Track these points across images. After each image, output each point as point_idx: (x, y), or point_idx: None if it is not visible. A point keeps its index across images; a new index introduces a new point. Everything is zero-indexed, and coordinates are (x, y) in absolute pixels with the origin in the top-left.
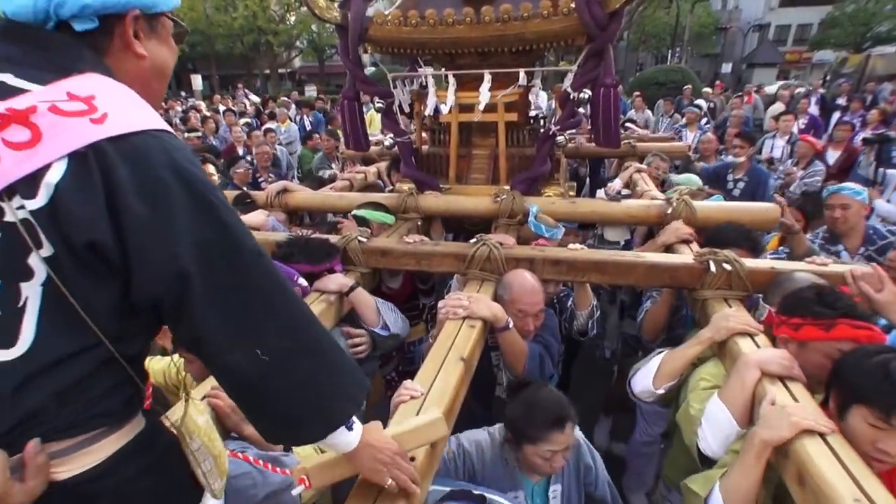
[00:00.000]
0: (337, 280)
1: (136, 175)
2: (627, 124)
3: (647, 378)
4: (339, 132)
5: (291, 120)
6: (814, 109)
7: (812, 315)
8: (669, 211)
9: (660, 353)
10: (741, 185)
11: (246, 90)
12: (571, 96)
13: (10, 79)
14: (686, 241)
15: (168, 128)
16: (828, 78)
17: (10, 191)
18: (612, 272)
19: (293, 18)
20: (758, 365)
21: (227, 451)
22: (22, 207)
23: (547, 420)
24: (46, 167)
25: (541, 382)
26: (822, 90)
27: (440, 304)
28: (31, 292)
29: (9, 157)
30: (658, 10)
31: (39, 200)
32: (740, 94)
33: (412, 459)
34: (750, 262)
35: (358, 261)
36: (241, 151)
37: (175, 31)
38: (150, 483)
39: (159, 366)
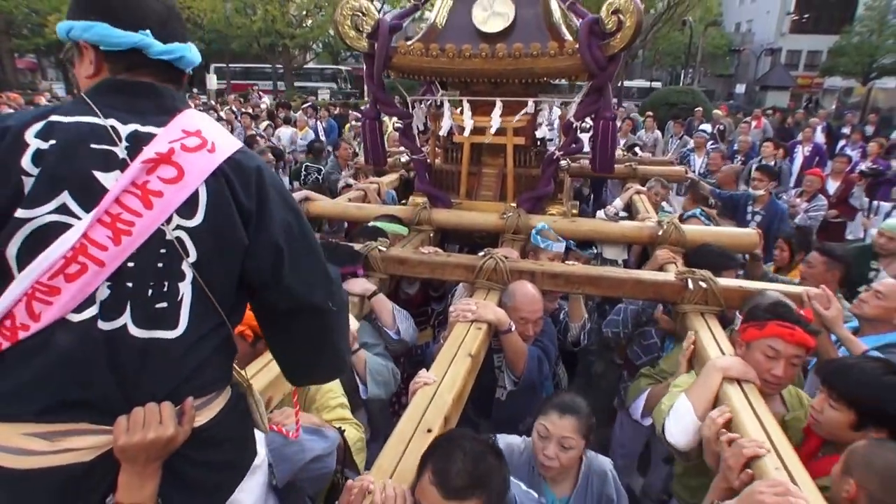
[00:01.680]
0: (361, 284)
1: (244, 184)
2: (634, 147)
3: (686, 420)
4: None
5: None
6: (820, 137)
7: (755, 319)
8: (660, 233)
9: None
10: (758, 217)
11: (260, 92)
12: (574, 125)
13: (139, 127)
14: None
15: (241, 143)
16: (819, 105)
17: (169, 217)
18: (604, 286)
19: (310, 22)
20: (721, 370)
21: (263, 403)
22: (179, 227)
23: (558, 402)
24: (196, 194)
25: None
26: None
27: (451, 308)
28: (185, 289)
29: (168, 189)
30: (672, 30)
31: (196, 220)
32: (747, 119)
33: None
34: (723, 282)
35: (378, 267)
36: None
37: None
38: (240, 425)
39: None
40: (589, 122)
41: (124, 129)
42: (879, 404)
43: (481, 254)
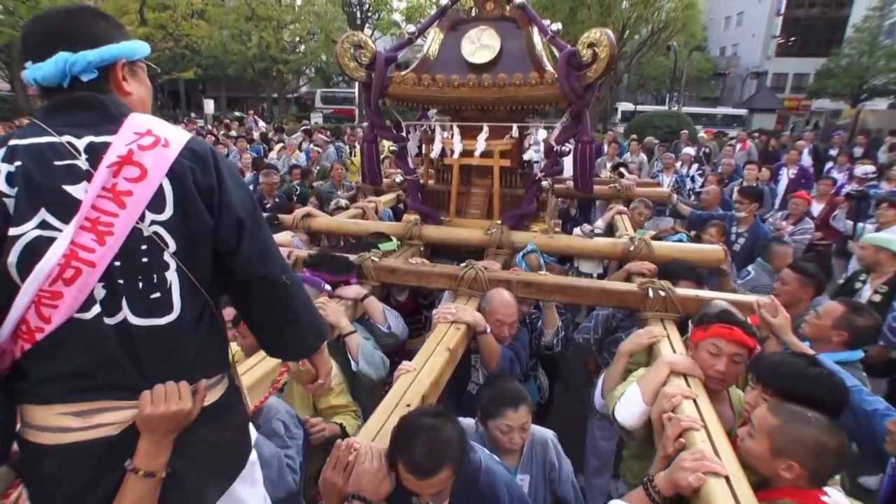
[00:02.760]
0: (354, 289)
1: (203, 169)
2: (620, 169)
3: (635, 404)
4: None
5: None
6: (806, 160)
7: (702, 323)
8: (632, 248)
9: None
10: (742, 240)
11: (255, 117)
12: (555, 148)
13: (93, 138)
14: (642, 274)
15: (190, 134)
16: (818, 127)
17: (142, 214)
18: (572, 294)
19: (303, 48)
20: (669, 364)
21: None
22: (153, 223)
23: (505, 399)
24: (161, 188)
25: (508, 376)
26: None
27: (434, 311)
28: (171, 277)
29: (136, 188)
30: (657, 55)
31: (166, 213)
32: (731, 142)
33: None
34: (681, 291)
35: (371, 276)
36: (248, 177)
37: (149, 74)
38: (240, 409)
39: None
40: (570, 145)
41: (80, 143)
42: (807, 393)
43: (463, 265)
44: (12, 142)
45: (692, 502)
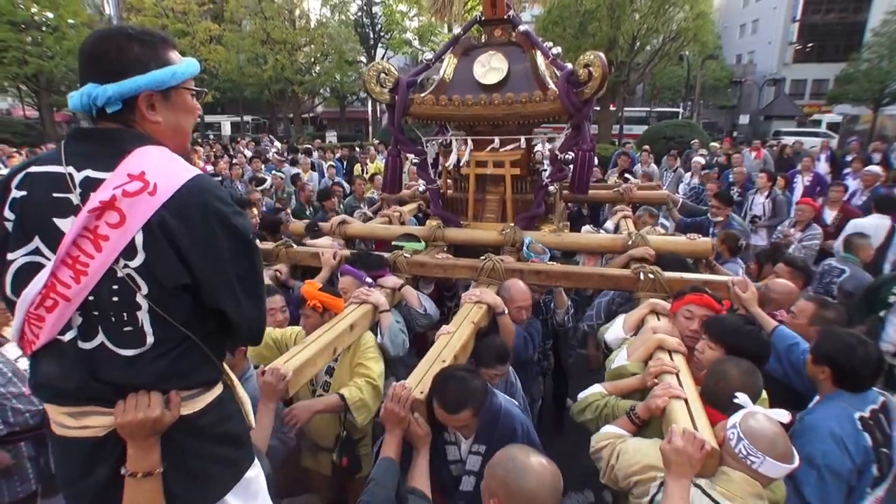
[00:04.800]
0: (392, 280)
1: (188, 227)
2: (626, 175)
3: (617, 331)
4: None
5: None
6: (824, 166)
7: (679, 296)
8: (630, 242)
9: (620, 317)
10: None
11: (271, 137)
12: (559, 157)
13: (91, 173)
14: (643, 259)
15: (195, 171)
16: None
17: (117, 258)
18: (575, 279)
19: (318, 68)
20: (653, 329)
21: (249, 402)
22: (126, 266)
23: (493, 355)
24: (133, 239)
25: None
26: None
27: (463, 294)
28: (143, 316)
29: (113, 234)
30: (670, 65)
31: (137, 261)
32: (738, 150)
33: None
34: (668, 274)
35: (403, 269)
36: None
37: (195, 91)
38: (230, 421)
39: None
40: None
41: (79, 176)
42: (738, 343)
43: (482, 258)
44: (31, 168)
45: (662, 421)
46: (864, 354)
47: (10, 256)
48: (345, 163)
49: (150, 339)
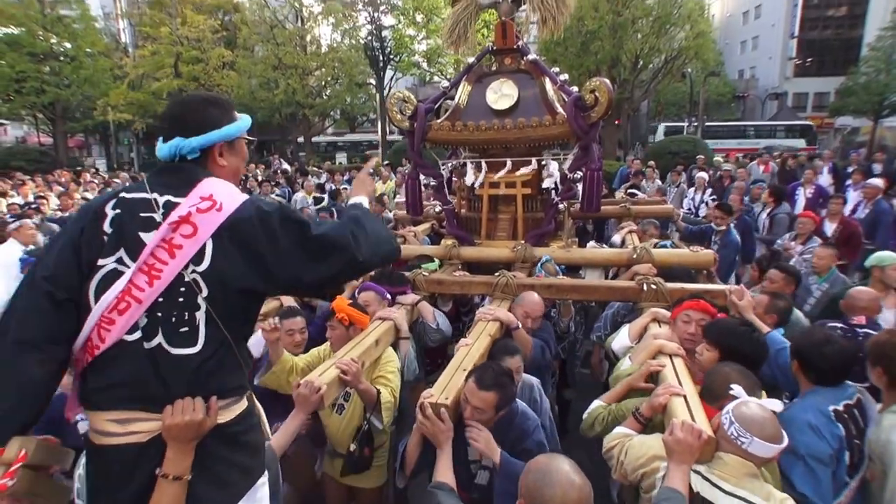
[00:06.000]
0: (411, 297)
1: (245, 232)
2: (631, 190)
3: (623, 339)
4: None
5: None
6: (826, 178)
7: (678, 303)
8: (635, 256)
9: (625, 327)
10: (715, 246)
11: (281, 159)
12: (569, 176)
13: (171, 197)
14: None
15: (246, 195)
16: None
17: (187, 264)
18: (583, 292)
19: (328, 92)
20: (654, 336)
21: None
22: (193, 271)
23: (500, 349)
24: (204, 245)
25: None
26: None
27: (478, 311)
28: (200, 317)
29: (186, 243)
30: (673, 82)
31: (203, 265)
32: (742, 167)
33: None
34: (669, 284)
35: (422, 287)
36: None
37: (247, 142)
38: (254, 432)
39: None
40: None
41: (161, 200)
42: (733, 344)
43: (497, 274)
44: (122, 194)
45: (664, 416)
46: (831, 351)
47: (100, 262)
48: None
49: (201, 341)
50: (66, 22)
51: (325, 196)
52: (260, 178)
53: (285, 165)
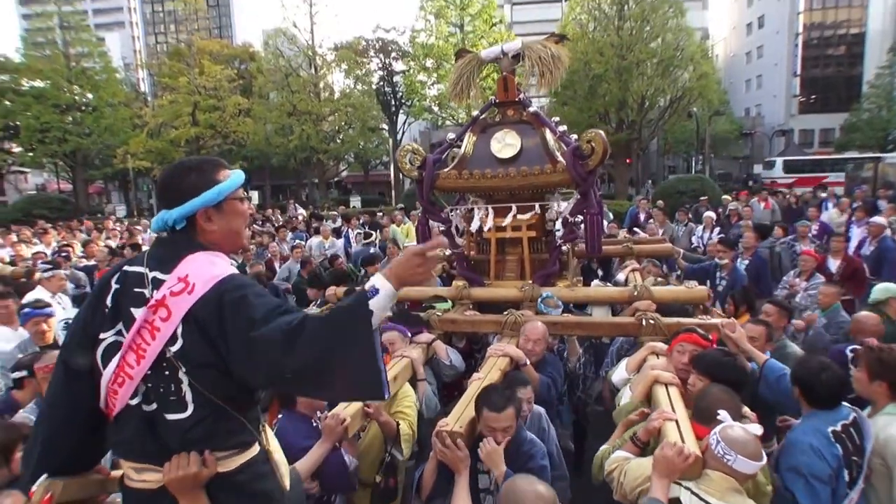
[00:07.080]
0: (426, 336)
1: (210, 315)
2: (635, 229)
3: (622, 372)
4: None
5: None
6: (829, 214)
7: (674, 335)
8: (635, 293)
9: (623, 360)
10: (723, 282)
11: (296, 204)
12: (570, 220)
13: (158, 274)
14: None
15: (228, 271)
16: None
17: (166, 343)
18: (587, 328)
19: (342, 136)
20: (651, 367)
21: (287, 464)
22: (171, 349)
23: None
24: (176, 329)
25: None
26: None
27: (489, 348)
28: (185, 388)
29: (163, 326)
30: (680, 121)
31: (176, 346)
32: (732, 209)
33: None
34: (666, 319)
35: (437, 326)
36: (277, 265)
37: (241, 197)
38: (263, 480)
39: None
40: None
41: (150, 275)
42: (720, 373)
43: (506, 313)
44: (126, 267)
45: (659, 440)
46: (826, 378)
47: (101, 336)
48: (366, 228)
49: (190, 407)
50: (90, 74)
51: (374, 233)
52: (277, 224)
53: (300, 210)
